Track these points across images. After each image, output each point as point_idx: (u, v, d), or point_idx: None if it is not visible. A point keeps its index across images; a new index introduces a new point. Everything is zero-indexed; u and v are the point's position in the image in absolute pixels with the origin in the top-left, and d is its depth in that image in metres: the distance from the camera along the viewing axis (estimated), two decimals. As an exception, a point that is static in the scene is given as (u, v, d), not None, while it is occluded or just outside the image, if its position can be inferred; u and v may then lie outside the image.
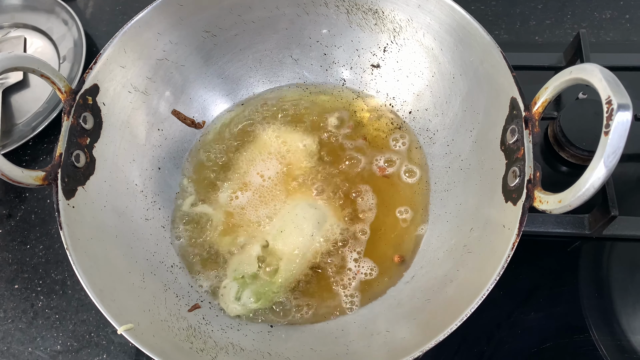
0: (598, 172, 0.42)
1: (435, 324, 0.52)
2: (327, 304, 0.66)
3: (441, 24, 0.67)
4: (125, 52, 0.67)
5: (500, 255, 0.51)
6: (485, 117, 0.64)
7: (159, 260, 0.67)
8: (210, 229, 0.72)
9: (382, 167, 0.74)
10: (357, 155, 0.76)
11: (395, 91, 0.79)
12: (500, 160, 0.58)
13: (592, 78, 0.45)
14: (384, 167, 0.74)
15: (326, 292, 0.67)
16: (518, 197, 0.53)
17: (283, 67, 0.82)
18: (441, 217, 0.68)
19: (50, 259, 0.81)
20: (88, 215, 0.60)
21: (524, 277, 0.71)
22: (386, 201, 0.72)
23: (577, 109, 0.77)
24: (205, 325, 0.62)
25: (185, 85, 0.77)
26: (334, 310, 0.65)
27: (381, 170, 0.73)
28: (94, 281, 0.55)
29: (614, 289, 0.70)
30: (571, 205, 0.45)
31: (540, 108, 0.54)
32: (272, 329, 0.64)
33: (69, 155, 0.60)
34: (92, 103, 0.64)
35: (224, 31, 0.76)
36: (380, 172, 0.73)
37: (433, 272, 0.63)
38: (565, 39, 0.91)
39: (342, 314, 0.65)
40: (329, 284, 0.67)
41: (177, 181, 0.76)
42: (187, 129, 0.79)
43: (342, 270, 0.68)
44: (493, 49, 0.60)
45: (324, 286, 0.67)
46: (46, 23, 1.01)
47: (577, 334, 0.68)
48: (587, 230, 0.71)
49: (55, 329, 0.75)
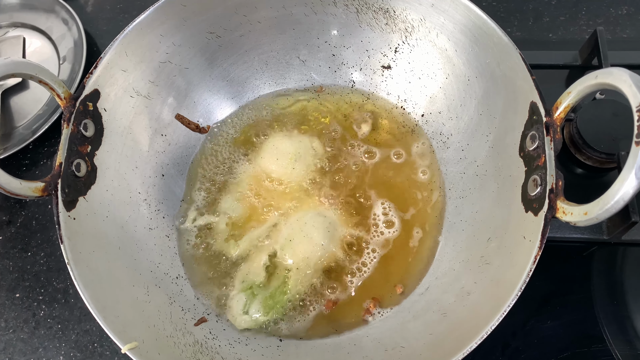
0: (629, 185, 0.40)
1: (453, 341, 0.51)
2: (339, 316, 0.64)
3: (456, 24, 0.65)
4: (127, 55, 0.65)
5: (521, 268, 0.49)
6: (503, 121, 0.62)
7: (163, 271, 0.65)
8: (216, 239, 0.70)
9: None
10: (367, 160, 0.74)
11: (407, 93, 0.77)
12: (519, 167, 0.56)
13: (621, 84, 0.43)
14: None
15: (338, 303, 0.65)
16: (539, 207, 0.51)
17: (290, 69, 0.80)
18: (456, 225, 0.67)
19: (52, 267, 0.79)
20: (90, 227, 0.59)
21: (540, 284, 0.69)
22: (398, 207, 0.70)
23: (595, 110, 0.74)
24: (212, 340, 0.60)
25: (189, 88, 0.75)
26: (347, 322, 0.63)
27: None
28: (97, 296, 0.53)
29: (631, 296, 0.68)
30: (598, 219, 0.44)
31: (562, 114, 0.51)
32: (282, 343, 0.62)
33: (70, 165, 0.58)
34: (93, 109, 0.62)
35: (228, 32, 0.74)
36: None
37: (449, 284, 0.61)
38: (580, 36, 0.89)
39: (355, 327, 0.63)
40: (341, 294, 0.65)
41: (182, 188, 0.74)
42: (191, 134, 0.76)
43: (354, 279, 0.66)
44: (511, 50, 0.58)
45: (335, 296, 0.65)
46: (45, 22, 0.99)
47: (595, 343, 0.66)
48: (606, 236, 0.69)
49: (57, 339, 0.74)
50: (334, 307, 0.64)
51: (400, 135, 0.75)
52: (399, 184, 0.72)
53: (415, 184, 0.71)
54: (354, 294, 0.65)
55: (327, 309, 0.64)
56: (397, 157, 0.74)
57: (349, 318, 0.64)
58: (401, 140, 0.75)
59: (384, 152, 0.74)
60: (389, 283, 0.66)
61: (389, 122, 0.76)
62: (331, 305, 0.64)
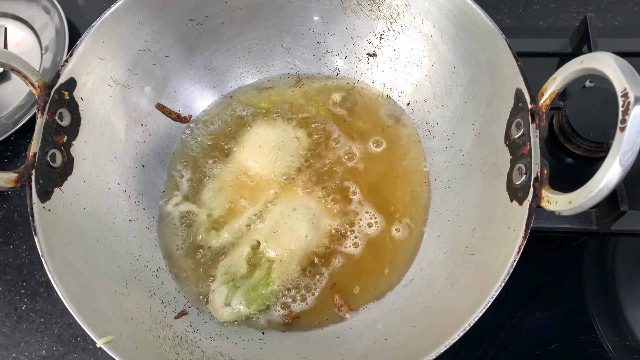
0: (613, 172, 0.39)
1: (436, 333, 0.50)
2: (323, 308, 0.63)
3: (441, 9, 0.64)
4: (104, 43, 0.63)
5: (505, 258, 0.48)
6: (488, 109, 0.61)
7: (143, 264, 0.64)
8: (198, 229, 0.69)
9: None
10: (352, 150, 0.72)
11: (392, 81, 0.75)
12: (504, 155, 0.55)
13: (606, 68, 0.42)
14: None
15: (322, 296, 0.64)
16: (524, 196, 0.50)
17: (274, 57, 0.78)
18: (441, 215, 0.66)
19: (34, 260, 0.78)
20: (66, 219, 0.57)
21: (528, 275, 0.69)
22: (383, 198, 0.69)
23: (584, 98, 0.74)
24: (192, 333, 0.59)
25: (169, 77, 0.73)
26: (330, 315, 0.63)
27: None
28: (72, 289, 0.52)
29: (621, 286, 0.68)
30: (582, 207, 0.43)
31: (548, 100, 0.50)
32: (264, 336, 0.61)
33: (44, 155, 0.57)
34: (69, 98, 0.60)
35: (209, 19, 0.72)
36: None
37: (433, 275, 0.60)
38: (570, 23, 0.88)
39: (338, 320, 0.62)
40: (324, 286, 0.64)
41: (163, 179, 0.73)
42: (172, 124, 0.75)
43: (339, 271, 0.65)
44: (497, 36, 0.57)
45: (319, 288, 0.64)
46: (27, 12, 0.97)
47: (583, 334, 0.65)
48: (595, 226, 0.68)
49: (40, 333, 0.73)
50: (294, 319, 0.63)
51: (386, 124, 0.74)
52: (384, 174, 0.71)
53: (401, 174, 0.70)
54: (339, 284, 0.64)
55: (286, 318, 0.63)
56: (381, 147, 0.72)
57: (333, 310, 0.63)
58: (387, 130, 0.73)
59: (369, 142, 0.73)
60: (373, 275, 0.65)
61: (374, 110, 0.75)
62: (290, 315, 0.63)
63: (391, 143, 0.73)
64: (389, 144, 0.73)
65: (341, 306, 0.62)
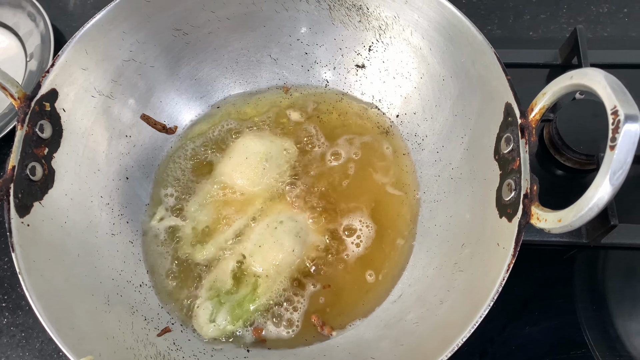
0: (603, 191, 0.39)
1: (424, 352, 0.49)
2: (309, 325, 0.62)
3: (430, 21, 0.63)
4: (87, 54, 0.62)
5: (494, 277, 0.48)
6: (478, 122, 0.60)
7: (126, 279, 0.63)
8: (183, 244, 0.67)
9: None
10: (340, 162, 0.71)
11: (381, 93, 0.75)
12: (494, 170, 0.55)
13: (596, 85, 0.41)
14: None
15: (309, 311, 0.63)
16: (513, 213, 0.49)
17: (261, 68, 0.77)
18: (430, 229, 0.65)
19: (15, 272, 0.75)
20: (46, 234, 0.56)
21: (518, 288, 0.68)
22: (372, 212, 0.68)
23: (574, 110, 0.73)
24: (175, 351, 0.58)
25: (154, 87, 0.72)
26: (316, 332, 0.61)
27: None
28: (51, 307, 0.51)
29: (611, 299, 0.68)
30: (572, 226, 0.42)
31: (538, 115, 0.50)
32: (249, 354, 0.60)
33: (24, 168, 0.55)
34: (50, 109, 0.59)
35: (196, 29, 0.71)
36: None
37: (422, 292, 0.59)
38: (561, 34, 0.87)
39: (325, 338, 0.61)
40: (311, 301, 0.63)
41: (147, 192, 0.72)
42: (157, 135, 0.74)
43: (326, 287, 0.64)
44: (486, 49, 0.56)
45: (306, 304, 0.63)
46: (12, 18, 0.96)
47: (574, 349, 0.65)
48: (585, 239, 0.68)
49: (21, 347, 0.71)
50: (261, 335, 0.62)
51: (375, 136, 0.73)
52: (373, 187, 0.70)
53: (389, 188, 0.69)
54: (322, 300, 0.63)
55: (255, 335, 0.62)
56: (371, 160, 0.72)
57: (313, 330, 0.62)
58: (375, 142, 0.73)
59: (358, 155, 0.72)
60: (361, 290, 0.64)
61: (363, 123, 0.74)
62: (259, 333, 0.62)
63: (380, 155, 0.72)
64: (378, 156, 0.72)
65: (322, 325, 0.61)
